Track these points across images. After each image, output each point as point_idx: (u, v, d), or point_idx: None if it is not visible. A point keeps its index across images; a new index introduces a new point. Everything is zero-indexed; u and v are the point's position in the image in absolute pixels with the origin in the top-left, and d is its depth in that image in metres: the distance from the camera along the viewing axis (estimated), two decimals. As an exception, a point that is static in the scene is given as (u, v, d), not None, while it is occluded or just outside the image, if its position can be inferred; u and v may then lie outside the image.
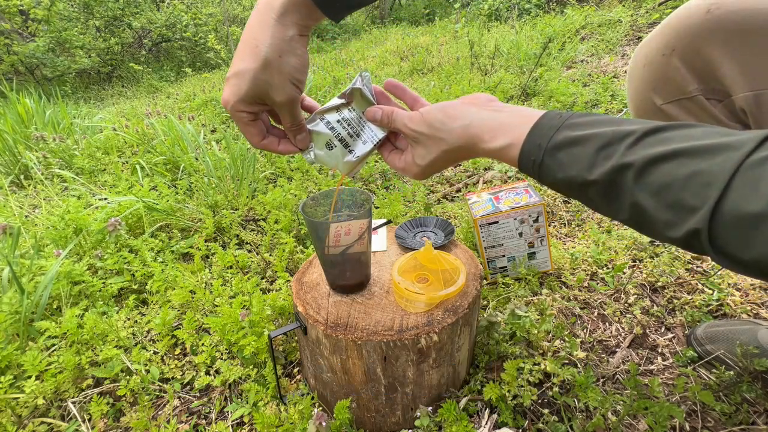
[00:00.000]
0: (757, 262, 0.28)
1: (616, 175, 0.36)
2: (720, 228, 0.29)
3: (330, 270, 0.71)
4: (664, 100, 0.51)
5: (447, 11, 8.85)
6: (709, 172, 0.30)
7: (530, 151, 0.42)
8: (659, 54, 0.50)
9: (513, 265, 1.05)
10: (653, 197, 0.33)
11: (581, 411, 0.73)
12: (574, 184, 0.39)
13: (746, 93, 0.43)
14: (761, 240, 0.27)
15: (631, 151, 0.35)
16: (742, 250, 0.29)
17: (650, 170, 0.33)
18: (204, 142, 1.97)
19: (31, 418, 0.79)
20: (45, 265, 1.08)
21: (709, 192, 0.30)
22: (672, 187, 0.32)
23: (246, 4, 8.22)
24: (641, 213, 0.35)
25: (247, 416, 0.78)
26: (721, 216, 0.29)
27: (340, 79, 3.74)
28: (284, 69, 0.46)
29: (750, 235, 0.28)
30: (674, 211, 0.32)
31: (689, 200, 0.31)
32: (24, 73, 6.77)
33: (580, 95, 2.21)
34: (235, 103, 0.47)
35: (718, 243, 0.30)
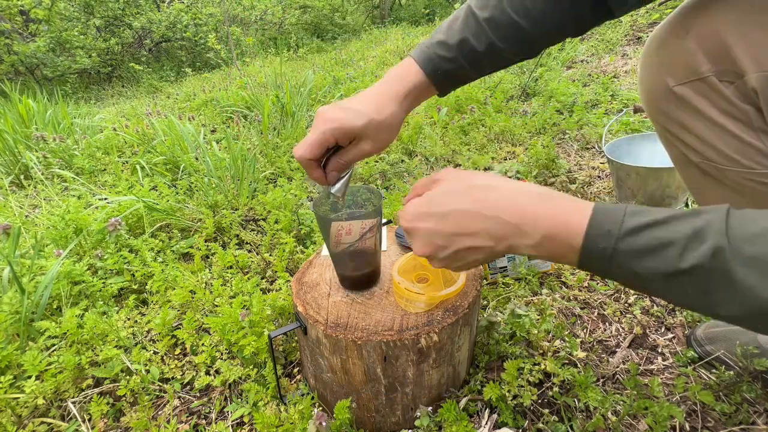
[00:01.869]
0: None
1: (715, 258, 0.31)
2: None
3: (343, 265, 0.71)
4: (676, 82, 0.51)
5: (447, 11, 8.85)
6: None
7: (598, 238, 0.36)
8: (674, 36, 0.51)
9: (513, 265, 1.05)
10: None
11: (581, 411, 0.73)
12: (660, 275, 0.34)
13: (758, 73, 0.43)
14: None
15: (727, 228, 0.31)
16: None
17: (758, 250, 0.30)
18: (204, 142, 1.97)
19: (31, 418, 0.79)
20: (45, 265, 1.08)
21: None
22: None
23: (246, 4, 8.22)
24: (762, 304, 0.30)
25: (247, 416, 0.78)
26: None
27: (340, 79, 3.74)
28: (384, 137, 0.56)
29: None
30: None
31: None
32: (24, 73, 6.77)
33: (580, 95, 2.21)
34: (336, 127, 0.52)
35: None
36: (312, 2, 9.06)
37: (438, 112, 2.26)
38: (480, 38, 0.54)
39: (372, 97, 0.55)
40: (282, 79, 3.20)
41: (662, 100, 0.54)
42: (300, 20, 9.04)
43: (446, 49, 0.55)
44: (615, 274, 0.37)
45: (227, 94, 3.27)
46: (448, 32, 0.56)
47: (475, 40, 0.54)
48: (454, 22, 0.56)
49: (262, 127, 2.25)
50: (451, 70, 0.56)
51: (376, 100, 0.55)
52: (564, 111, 2.13)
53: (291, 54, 6.30)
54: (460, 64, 0.56)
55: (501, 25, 0.53)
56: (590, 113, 1.99)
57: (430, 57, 0.56)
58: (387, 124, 0.55)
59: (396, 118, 0.56)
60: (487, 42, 0.54)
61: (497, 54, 0.55)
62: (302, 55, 6.20)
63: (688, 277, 0.32)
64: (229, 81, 4.45)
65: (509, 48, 0.55)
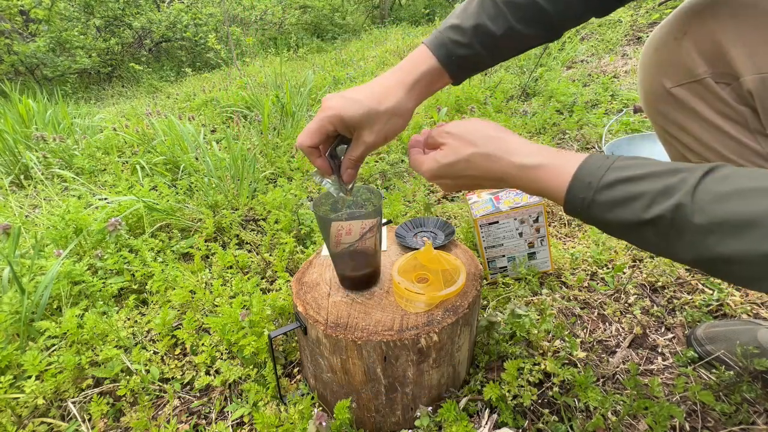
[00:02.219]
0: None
1: (677, 213, 0.35)
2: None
3: (343, 265, 0.71)
4: (674, 84, 0.51)
5: (447, 11, 8.86)
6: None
7: (579, 189, 0.42)
8: (671, 37, 0.51)
9: (513, 265, 1.06)
10: (728, 237, 0.33)
11: (581, 411, 0.73)
12: (628, 224, 0.39)
13: (753, 75, 0.43)
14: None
15: (695, 189, 0.35)
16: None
17: (718, 208, 0.34)
18: (204, 142, 1.97)
19: (31, 418, 0.79)
20: (45, 265, 1.08)
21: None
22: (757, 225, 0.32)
23: (246, 4, 8.22)
24: (711, 256, 0.35)
25: (247, 416, 0.78)
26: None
27: (340, 79, 3.73)
28: (389, 126, 0.54)
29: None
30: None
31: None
32: (24, 73, 6.77)
33: (580, 95, 2.21)
34: (333, 114, 0.52)
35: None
36: (312, 2, 9.06)
37: (438, 112, 2.26)
38: (498, 21, 0.51)
39: (377, 86, 0.54)
40: (282, 79, 3.20)
41: (660, 101, 0.54)
42: (300, 20, 9.04)
43: (461, 33, 0.53)
44: (591, 221, 0.42)
45: (227, 94, 3.27)
46: (462, 15, 0.53)
47: (492, 24, 0.51)
48: (470, 5, 0.53)
49: (262, 127, 2.25)
50: (467, 55, 0.54)
51: (380, 89, 0.53)
52: (564, 111, 2.13)
53: (291, 54, 6.30)
54: (475, 50, 0.53)
55: (521, 6, 0.50)
56: (590, 113, 1.99)
57: (443, 42, 0.53)
58: (389, 114, 0.53)
59: (402, 107, 0.54)
60: (505, 25, 0.51)
61: (516, 37, 0.52)
62: (302, 55, 6.21)
63: (651, 226, 0.37)
64: (229, 81, 4.45)
65: (530, 31, 0.52)
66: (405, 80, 0.54)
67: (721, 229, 0.33)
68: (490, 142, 0.48)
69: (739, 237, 0.33)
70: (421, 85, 0.55)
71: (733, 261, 0.34)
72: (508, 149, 0.47)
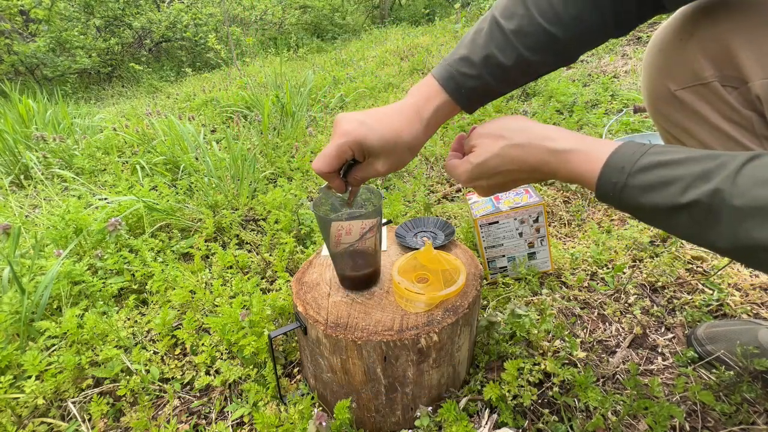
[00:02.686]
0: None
1: (715, 198, 0.34)
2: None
3: (343, 265, 0.71)
4: (679, 86, 0.51)
5: (447, 11, 8.85)
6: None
7: (612, 173, 0.41)
8: (676, 38, 0.50)
9: (513, 265, 1.06)
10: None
11: (581, 411, 0.73)
12: (661, 208, 0.38)
13: (763, 80, 0.42)
14: None
15: (736, 174, 0.34)
16: None
17: (761, 193, 0.32)
18: (204, 142, 1.97)
19: (31, 418, 0.79)
20: (45, 265, 1.08)
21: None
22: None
23: (246, 4, 8.22)
24: (750, 243, 0.33)
25: (247, 416, 0.78)
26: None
27: (340, 79, 3.73)
28: (400, 158, 0.54)
29: None
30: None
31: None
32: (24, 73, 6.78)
33: (580, 95, 2.21)
34: (354, 141, 0.51)
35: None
36: (312, 2, 9.06)
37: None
38: (506, 51, 0.50)
39: (395, 116, 0.53)
40: (282, 79, 3.20)
41: (664, 103, 0.54)
42: (300, 20, 9.04)
43: (470, 65, 0.51)
44: (623, 206, 0.41)
45: (227, 94, 3.27)
46: (471, 47, 0.52)
47: (501, 55, 0.50)
48: (478, 36, 0.52)
49: (262, 127, 2.25)
50: (477, 87, 0.52)
51: (399, 120, 0.53)
52: (564, 111, 2.13)
53: (291, 54, 6.30)
54: (485, 81, 0.52)
55: (530, 35, 0.48)
56: (590, 113, 1.99)
57: (452, 75, 0.52)
58: (405, 148, 0.53)
59: (417, 141, 0.54)
60: (515, 55, 0.50)
61: (528, 66, 0.51)
62: (302, 55, 6.21)
63: (686, 211, 0.36)
64: (229, 81, 4.45)
65: (541, 58, 0.50)
66: (422, 115, 0.53)
67: (761, 214, 0.32)
68: (520, 133, 0.48)
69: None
70: (434, 120, 0.54)
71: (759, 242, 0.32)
72: (539, 135, 0.47)
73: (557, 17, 0.47)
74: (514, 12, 0.49)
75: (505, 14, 0.50)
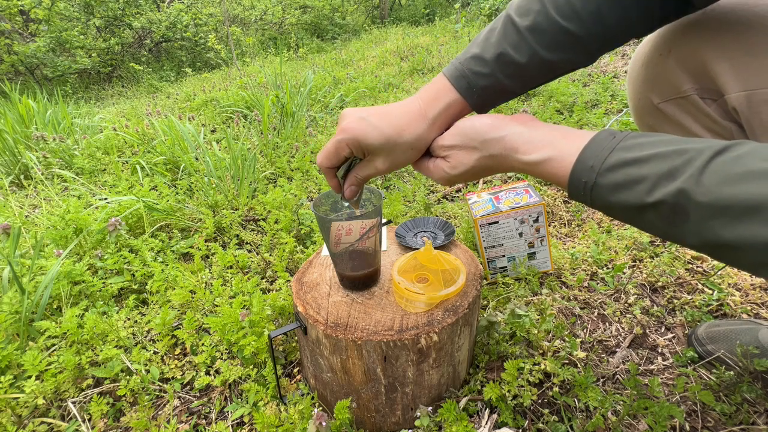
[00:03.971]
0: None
1: (679, 198, 0.34)
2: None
3: (343, 265, 0.71)
4: (661, 99, 0.52)
5: (447, 11, 8.86)
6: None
7: (582, 172, 0.40)
8: (657, 54, 0.51)
9: (513, 265, 1.05)
10: (735, 222, 0.32)
11: (581, 411, 0.73)
12: (630, 207, 0.38)
13: (738, 93, 0.43)
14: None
15: (702, 172, 0.33)
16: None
17: (726, 191, 0.32)
18: (204, 142, 1.97)
19: (31, 418, 0.79)
20: (45, 265, 1.08)
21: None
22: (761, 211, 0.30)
23: (246, 4, 8.22)
24: (717, 242, 0.33)
25: (247, 416, 0.78)
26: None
27: (340, 79, 3.74)
28: (401, 157, 0.53)
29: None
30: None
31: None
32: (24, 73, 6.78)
33: (580, 95, 2.21)
34: (351, 138, 0.51)
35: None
36: (312, 2, 9.07)
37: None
38: (521, 49, 0.48)
39: (399, 114, 0.52)
40: (282, 79, 3.20)
41: (648, 115, 0.55)
42: (300, 20, 9.04)
43: (482, 64, 0.50)
44: (594, 205, 0.41)
45: (227, 94, 3.27)
46: (483, 45, 0.50)
47: (515, 52, 0.48)
48: (491, 34, 0.50)
49: (262, 127, 2.25)
50: (489, 86, 0.51)
51: (402, 119, 0.52)
52: (564, 111, 2.13)
53: (291, 54, 6.30)
54: (498, 79, 0.50)
55: (545, 33, 0.47)
56: (590, 113, 1.99)
57: (464, 73, 0.51)
58: (407, 146, 0.52)
59: (420, 140, 0.52)
60: (529, 53, 0.48)
61: (544, 64, 0.49)
62: (302, 55, 6.21)
63: (654, 210, 0.36)
64: (229, 81, 4.46)
65: (558, 57, 0.48)
66: (427, 113, 0.52)
67: (727, 213, 0.32)
68: (493, 143, 0.47)
69: (746, 222, 0.31)
70: (442, 119, 0.53)
71: (739, 247, 0.32)
72: (512, 146, 0.46)
73: (575, 13, 0.45)
74: (529, 8, 0.48)
75: (520, 11, 0.48)
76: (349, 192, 0.58)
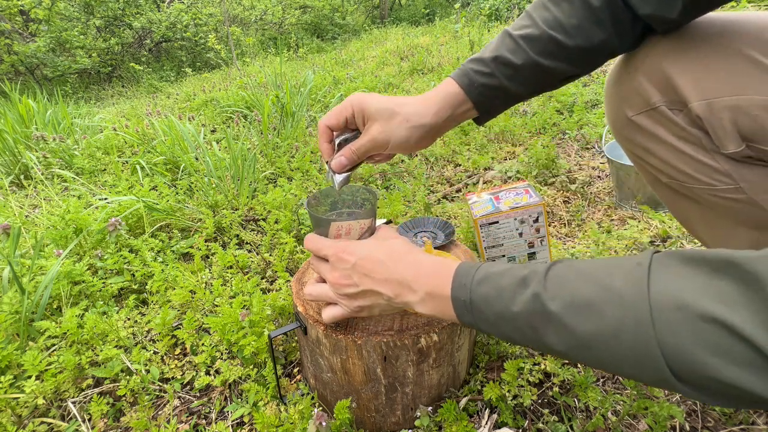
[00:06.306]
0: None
1: (536, 302, 0.38)
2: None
3: None
4: (634, 112, 0.55)
5: (447, 11, 8.86)
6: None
7: (459, 291, 0.44)
8: (626, 71, 0.55)
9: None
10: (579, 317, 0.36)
11: (581, 411, 0.73)
12: (504, 318, 0.41)
13: (700, 102, 0.47)
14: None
15: (546, 276, 0.39)
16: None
17: (565, 291, 0.37)
18: (204, 142, 1.97)
19: (31, 418, 0.79)
20: (45, 265, 1.08)
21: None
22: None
23: (246, 4, 8.22)
24: (574, 342, 0.37)
25: (247, 416, 0.78)
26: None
27: (340, 79, 3.74)
28: (399, 131, 0.56)
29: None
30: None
31: None
32: (24, 73, 6.78)
33: (580, 95, 2.21)
34: (355, 100, 0.57)
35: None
36: (312, 2, 9.07)
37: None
38: (517, 53, 0.53)
39: (404, 97, 0.57)
40: (282, 79, 3.20)
41: (625, 129, 0.58)
42: (300, 20, 9.05)
43: (482, 64, 0.55)
44: (479, 324, 0.44)
45: (227, 94, 3.27)
46: (483, 51, 0.56)
47: (511, 55, 0.53)
48: (490, 44, 0.56)
49: (262, 127, 2.25)
50: (489, 84, 0.55)
51: (406, 99, 0.57)
52: (564, 111, 2.13)
53: (291, 54, 6.30)
54: (497, 78, 0.54)
55: (538, 40, 0.52)
56: (590, 113, 1.99)
57: (466, 71, 0.56)
58: (404, 118, 0.55)
59: (419, 118, 0.56)
60: (524, 57, 0.53)
61: (541, 69, 0.53)
62: (302, 55, 6.21)
63: (522, 319, 0.39)
64: (229, 81, 4.46)
65: (552, 64, 0.53)
66: (428, 97, 0.57)
67: (571, 311, 0.36)
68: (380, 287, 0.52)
69: (586, 317, 0.35)
70: (442, 107, 0.56)
71: (592, 345, 0.35)
72: (405, 291, 0.51)
73: (560, 26, 0.51)
74: (522, 24, 0.54)
75: (515, 26, 0.54)
76: (336, 162, 0.59)
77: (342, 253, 0.54)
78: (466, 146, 1.92)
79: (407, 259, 0.52)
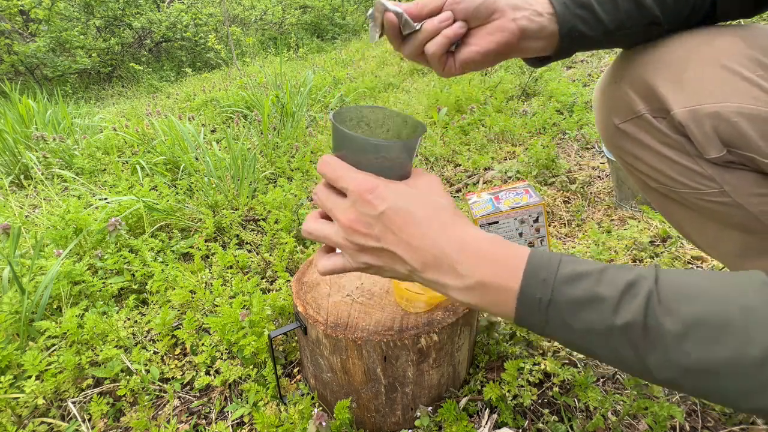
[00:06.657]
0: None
1: (648, 315, 0.31)
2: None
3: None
4: (621, 120, 0.57)
5: (447, 11, 8.83)
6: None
7: (534, 287, 0.35)
8: (612, 81, 0.57)
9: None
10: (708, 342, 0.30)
11: (581, 411, 0.73)
12: (595, 331, 0.33)
13: (681, 109, 0.48)
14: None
15: (657, 284, 0.32)
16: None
17: (686, 308, 0.31)
18: (204, 142, 1.97)
19: (31, 418, 0.79)
20: (45, 265, 1.08)
21: None
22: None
23: (246, 4, 8.22)
24: (695, 368, 0.30)
25: (247, 416, 0.78)
26: None
27: (340, 79, 3.74)
28: (507, 28, 0.48)
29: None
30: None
31: None
32: (24, 73, 6.78)
33: (580, 95, 2.21)
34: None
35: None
36: (312, 2, 9.06)
37: (438, 112, 2.26)
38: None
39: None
40: (282, 79, 3.20)
41: (613, 136, 0.59)
42: (300, 20, 9.04)
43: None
44: (552, 331, 0.36)
45: (227, 94, 3.27)
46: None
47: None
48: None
49: (262, 127, 2.25)
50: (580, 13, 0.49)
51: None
52: (564, 111, 2.13)
53: (291, 54, 6.30)
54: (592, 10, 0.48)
55: None
56: (590, 113, 1.99)
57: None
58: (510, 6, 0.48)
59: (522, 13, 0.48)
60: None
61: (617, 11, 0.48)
62: (302, 55, 6.21)
63: (619, 332, 0.32)
64: (229, 81, 4.46)
65: (629, 7, 0.48)
66: None
67: (699, 332, 0.30)
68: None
69: (720, 342, 0.29)
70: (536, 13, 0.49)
71: (721, 372, 0.30)
72: (447, 269, 0.39)
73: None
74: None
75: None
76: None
77: (369, 194, 0.40)
78: (466, 146, 1.92)
79: (454, 231, 0.40)
